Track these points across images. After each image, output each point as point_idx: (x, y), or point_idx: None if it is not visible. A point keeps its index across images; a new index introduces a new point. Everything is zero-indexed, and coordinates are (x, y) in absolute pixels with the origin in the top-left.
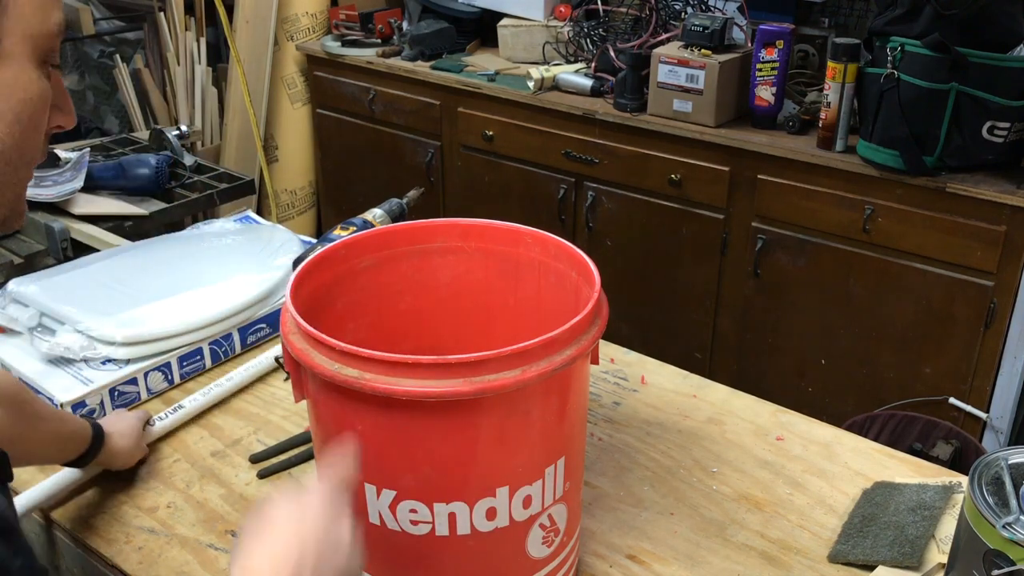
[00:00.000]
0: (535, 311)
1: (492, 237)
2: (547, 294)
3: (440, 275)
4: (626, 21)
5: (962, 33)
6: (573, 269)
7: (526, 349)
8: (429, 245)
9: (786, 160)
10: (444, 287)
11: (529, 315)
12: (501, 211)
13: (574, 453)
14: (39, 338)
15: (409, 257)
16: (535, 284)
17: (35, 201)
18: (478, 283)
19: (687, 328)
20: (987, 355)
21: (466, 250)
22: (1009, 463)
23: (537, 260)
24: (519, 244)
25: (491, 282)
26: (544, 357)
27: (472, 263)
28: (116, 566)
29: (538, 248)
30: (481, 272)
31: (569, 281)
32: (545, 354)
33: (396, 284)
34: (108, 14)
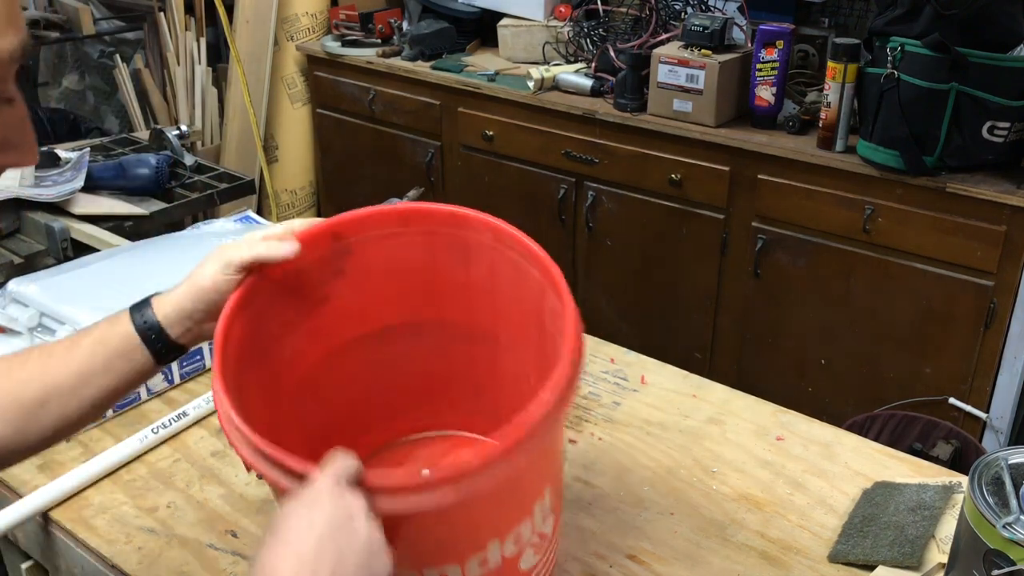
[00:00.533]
0: (489, 292)
1: (436, 220)
2: (502, 277)
3: (380, 262)
4: (626, 21)
5: (962, 33)
6: (533, 266)
7: (510, 447)
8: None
9: (786, 160)
10: (385, 271)
11: (483, 296)
12: (501, 211)
13: (558, 474)
14: (39, 338)
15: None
16: (487, 266)
17: (35, 201)
18: (424, 263)
19: (687, 328)
20: (987, 355)
21: (407, 233)
22: (1009, 463)
23: (488, 244)
24: (467, 227)
25: (439, 261)
26: (528, 440)
27: (415, 244)
28: (116, 566)
29: (489, 234)
30: (426, 253)
31: (526, 272)
32: (529, 439)
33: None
34: (108, 14)
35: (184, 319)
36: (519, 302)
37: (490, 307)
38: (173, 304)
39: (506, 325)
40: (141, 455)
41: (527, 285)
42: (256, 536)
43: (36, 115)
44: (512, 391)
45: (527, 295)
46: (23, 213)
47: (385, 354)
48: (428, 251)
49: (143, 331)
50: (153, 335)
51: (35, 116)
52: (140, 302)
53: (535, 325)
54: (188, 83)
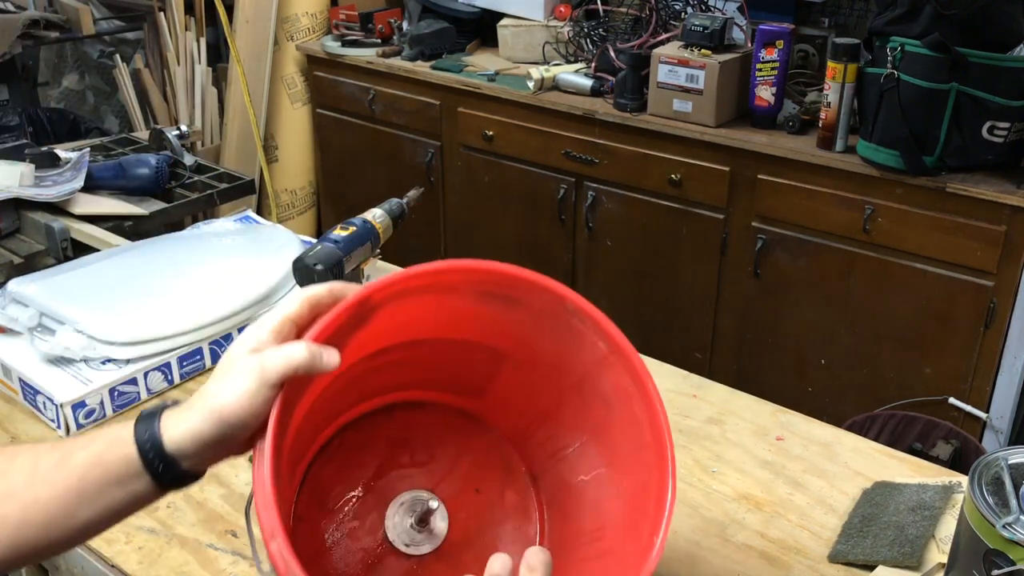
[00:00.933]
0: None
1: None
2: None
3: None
4: (626, 21)
5: (962, 33)
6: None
7: None
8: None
9: (786, 160)
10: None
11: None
12: (501, 211)
13: None
14: (39, 338)
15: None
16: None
17: (35, 201)
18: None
19: (687, 328)
20: (987, 355)
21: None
22: (1009, 463)
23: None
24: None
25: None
26: None
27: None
28: (116, 566)
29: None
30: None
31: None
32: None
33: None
34: (108, 14)
35: (202, 449)
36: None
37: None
38: (189, 430)
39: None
40: None
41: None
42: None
43: (36, 115)
44: (519, 386)
45: (575, 351)
46: (23, 213)
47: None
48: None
49: (148, 458)
50: (160, 464)
51: (35, 116)
52: (149, 414)
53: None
54: (188, 83)
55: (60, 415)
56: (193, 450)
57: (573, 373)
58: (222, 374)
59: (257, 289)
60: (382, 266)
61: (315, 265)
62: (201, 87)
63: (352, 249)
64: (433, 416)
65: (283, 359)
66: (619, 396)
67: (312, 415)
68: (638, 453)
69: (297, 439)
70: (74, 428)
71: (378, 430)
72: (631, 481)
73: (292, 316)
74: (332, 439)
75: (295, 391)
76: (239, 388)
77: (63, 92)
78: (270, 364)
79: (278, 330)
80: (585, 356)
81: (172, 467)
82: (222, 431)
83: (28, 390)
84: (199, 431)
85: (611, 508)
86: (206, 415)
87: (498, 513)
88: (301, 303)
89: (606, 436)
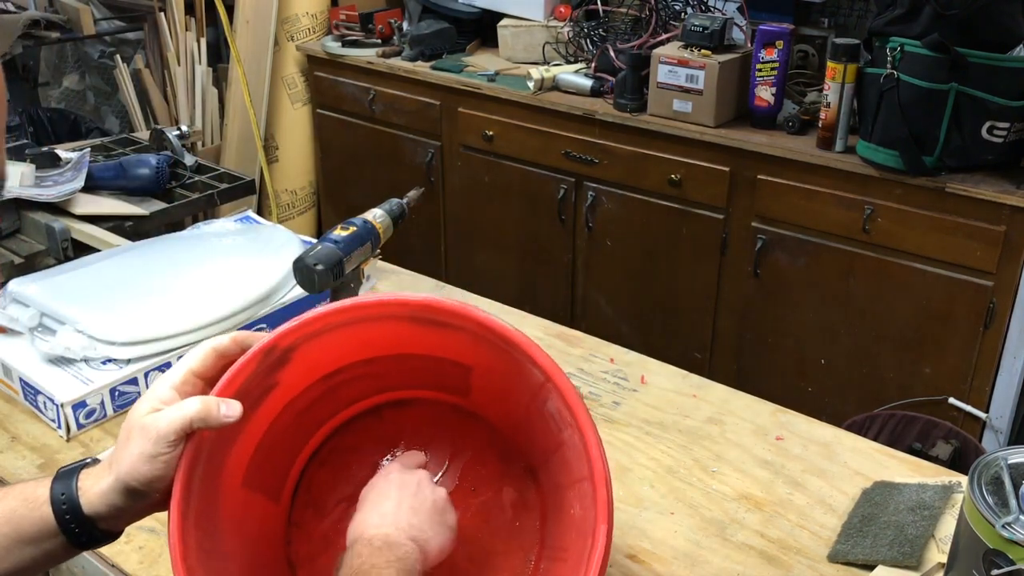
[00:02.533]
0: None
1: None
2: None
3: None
4: (626, 21)
5: (962, 33)
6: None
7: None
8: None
9: (786, 160)
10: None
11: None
12: (501, 211)
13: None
14: (39, 338)
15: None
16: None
17: (35, 201)
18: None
19: (687, 328)
20: (987, 355)
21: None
22: (1009, 463)
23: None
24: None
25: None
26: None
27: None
28: (116, 566)
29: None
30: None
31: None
32: None
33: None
34: (108, 14)
35: (116, 512)
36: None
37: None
38: (100, 496)
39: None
40: None
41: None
42: None
43: (36, 115)
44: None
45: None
46: (23, 213)
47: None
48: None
49: (64, 520)
50: (76, 527)
51: (35, 116)
52: (66, 473)
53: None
54: (188, 83)
55: (60, 415)
56: (107, 513)
57: (526, 390)
58: (123, 439)
59: (257, 289)
60: (382, 266)
61: (315, 265)
62: (201, 87)
63: (352, 249)
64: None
65: (177, 416)
66: (564, 421)
67: (284, 432)
68: (583, 482)
69: (267, 451)
70: (75, 428)
71: (369, 432)
72: (582, 506)
73: (195, 369)
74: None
75: (214, 445)
76: (135, 452)
77: (63, 92)
78: (164, 423)
79: (180, 386)
80: (529, 378)
81: (89, 529)
82: (130, 496)
83: (29, 390)
84: (110, 498)
85: (571, 524)
86: (112, 483)
87: (497, 512)
88: (205, 355)
89: (564, 452)
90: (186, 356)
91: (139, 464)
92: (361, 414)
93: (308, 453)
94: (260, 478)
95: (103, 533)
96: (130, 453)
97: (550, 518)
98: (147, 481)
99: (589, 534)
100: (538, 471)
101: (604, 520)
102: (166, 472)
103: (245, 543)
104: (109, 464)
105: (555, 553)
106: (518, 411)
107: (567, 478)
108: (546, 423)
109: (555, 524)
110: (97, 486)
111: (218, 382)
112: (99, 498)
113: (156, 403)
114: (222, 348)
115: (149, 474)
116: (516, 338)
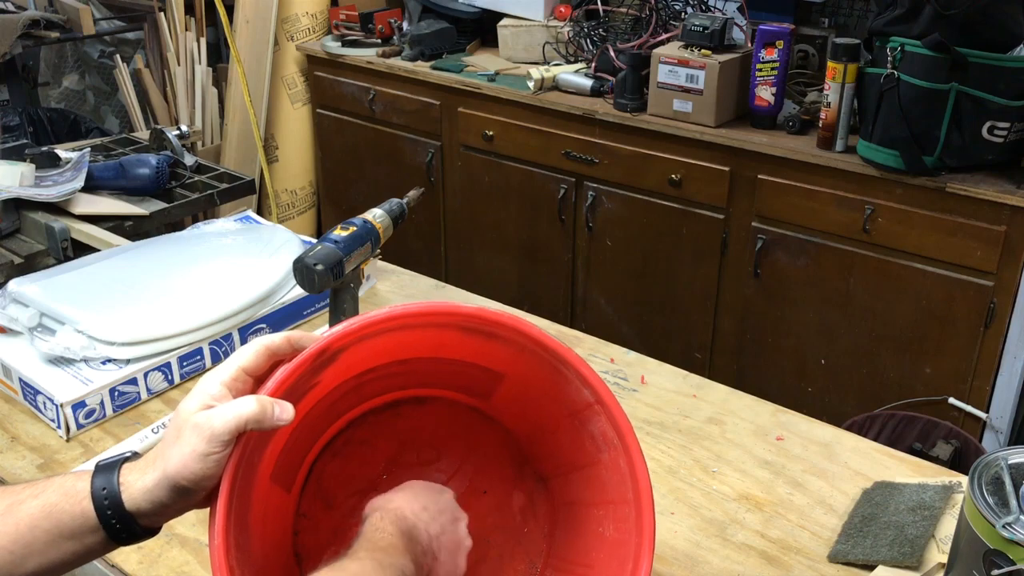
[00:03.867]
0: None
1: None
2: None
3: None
4: (626, 21)
5: (962, 33)
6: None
7: None
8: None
9: (786, 160)
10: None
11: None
12: (501, 211)
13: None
14: (39, 338)
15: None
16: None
17: (35, 201)
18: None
19: (687, 328)
20: (987, 355)
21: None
22: (1009, 463)
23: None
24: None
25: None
26: None
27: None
28: (116, 566)
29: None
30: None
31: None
32: None
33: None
34: (108, 14)
35: (158, 508)
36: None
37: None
38: (144, 492)
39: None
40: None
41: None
42: None
43: (37, 115)
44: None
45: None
46: (23, 213)
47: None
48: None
49: (105, 515)
50: (117, 523)
51: (35, 116)
52: (107, 466)
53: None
54: (188, 83)
55: (60, 415)
56: (149, 509)
57: (565, 406)
58: (173, 435)
59: (257, 289)
60: (382, 266)
61: (315, 265)
62: (201, 87)
63: (352, 249)
64: (441, 411)
65: (232, 415)
66: (607, 443)
67: (306, 423)
68: (622, 504)
69: (291, 444)
70: (74, 428)
71: (384, 427)
72: (616, 528)
73: (247, 366)
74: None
75: (255, 443)
76: (187, 450)
77: (63, 92)
78: (219, 422)
79: (230, 382)
80: (573, 396)
81: (129, 525)
82: (176, 493)
83: (28, 390)
84: (154, 495)
85: (600, 544)
86: (159, 478)
87: (505, 515)
88: (257, 352)
89: (599, 471)
90: (238, 352)
91: (191, 462)
92: (378, 408)
93: (323, 443)
94: (281, 470)
95: (143, 529)
96: (181, 451)
97: (562, 528)
98: (197, 479)
99: (630, 559)
100: (551, 481)
101: (650, 549)
102: (216, 471)
103: (264, 535)
104: (154, 460)
105: (571, 567)
106: (547, 423)
107: (598, 497)
108: (581, 440)
109: (573, 537)
110: (140, 481)
111: (269, 380)
112: (142, 494)
113: (207, 399)
114: (275, 347)
115: (200, 472)
116: (569, 357)
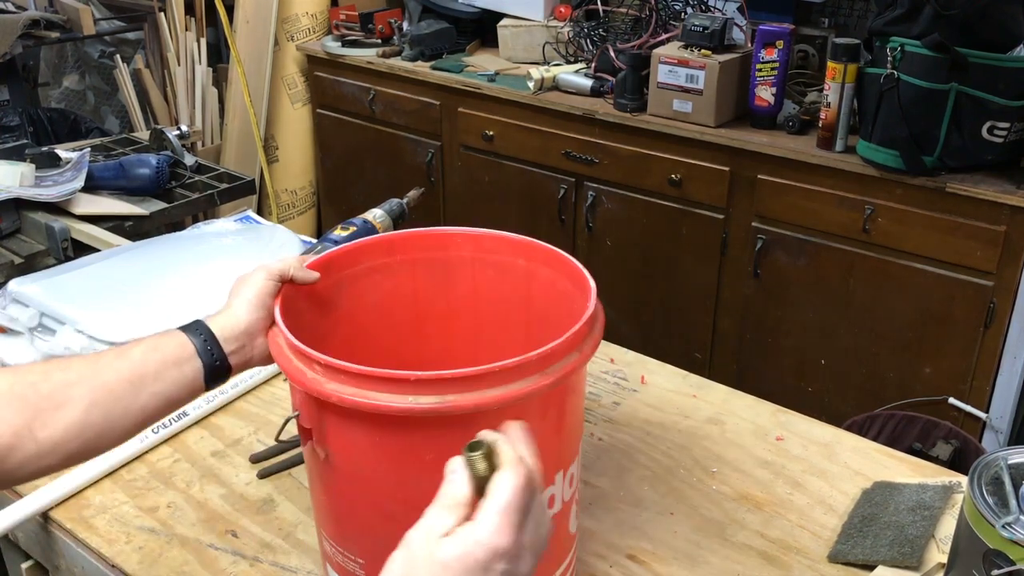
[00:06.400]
0: (472, 312)
1: (419, 244)
2: (483, 290)
3: (368, 299)
4: (626, 21)
5: (962, 33)
6: (520, 257)
7: (526, 361)
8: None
9: (786, 160)
10: (373, 307)
11: (466, 319)
12: (501, 211)
13: (573, 457)
14: (39, 338)
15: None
16: (470, 284)
17: (35, 201)
18: (408, 295)
19: (687, 328)
20: (987, 355)
21: (392, 264)
22: (1009, 463)
23: (468, 258)
24: (448, 247)
25: (420, 292)
26: (546, 367)
27: (399, 275)
28: (116, 566)
29: (469, 247)
30: (410, 282)
31: (510, 267)
32: (547, 364)
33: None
34: (108, 14)
35: (240, 334)
36: (503, 302)
37: (473, 331)
38: (224, 320)
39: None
40: (141, 455)
41: (511, 280)
42: (256, 536)
43: (37, 115)
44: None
45: (511, 291)
46: (23, 213)
47: None
48: (411, 280)
49: (198, 341)
50: (209, 346)
51: (35, 116)
52: (189, 323)
53: (522, 314)
54: (188, 83)
55: None
56: (232, 334)
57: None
58: (234, 292)
59: None
60: None
61: None
62: (201, 87)
63: None
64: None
65: (280, 262)
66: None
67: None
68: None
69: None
70: None
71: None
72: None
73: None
74: None
75: (292, 293)
76: (254, 279)
77: (63, 92)
78: (273, 264)
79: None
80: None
81: (218, 349)
82: (252, 315)
83: None
84: (237, 316)
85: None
86: (233, 306)
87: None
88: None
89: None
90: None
91: (260, 281)
92: None
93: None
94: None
95: (224, 357)
96: (250, 280)
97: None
98: (265, 293)
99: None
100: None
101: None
102: (268, 315)
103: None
104: (225, 306)
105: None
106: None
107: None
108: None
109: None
110: (218, 318)
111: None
112: (222, 322)
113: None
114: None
115: (269, 288)
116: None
